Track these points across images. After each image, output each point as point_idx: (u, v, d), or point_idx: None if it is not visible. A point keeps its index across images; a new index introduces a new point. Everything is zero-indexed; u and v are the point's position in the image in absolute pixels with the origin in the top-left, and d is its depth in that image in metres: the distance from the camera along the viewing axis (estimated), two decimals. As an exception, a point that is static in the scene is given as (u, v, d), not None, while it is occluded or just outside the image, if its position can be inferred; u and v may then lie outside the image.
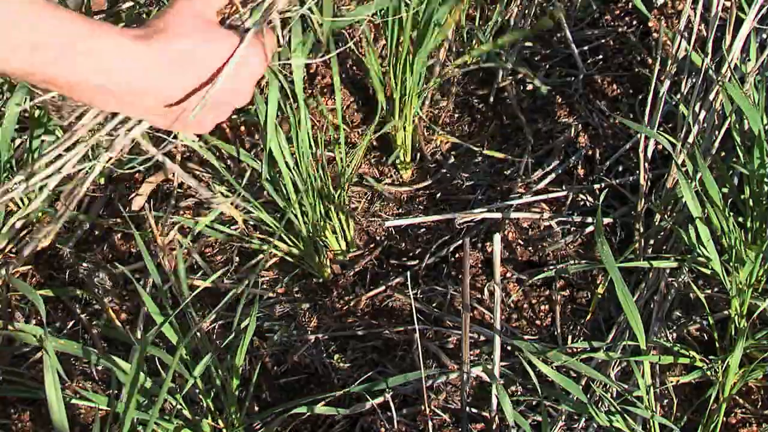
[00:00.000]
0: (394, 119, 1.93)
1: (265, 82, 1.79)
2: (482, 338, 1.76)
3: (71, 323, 1.83)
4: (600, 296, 1.81)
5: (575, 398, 1.58)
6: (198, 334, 1.55)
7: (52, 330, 1.82)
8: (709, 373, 1.63)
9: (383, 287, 1.86)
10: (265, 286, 1.86)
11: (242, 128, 2.05)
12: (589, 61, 2.17)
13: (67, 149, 1.13)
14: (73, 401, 1.64)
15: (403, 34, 1.81)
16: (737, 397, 1.68)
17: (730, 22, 1.95)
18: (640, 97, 2.08)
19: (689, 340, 1.74)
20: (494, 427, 1.59)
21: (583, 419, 1.64)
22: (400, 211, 1.97)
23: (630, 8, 2.20)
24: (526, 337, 1.77)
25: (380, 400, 1.65)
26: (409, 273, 1.85)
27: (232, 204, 1.74)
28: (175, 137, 1.26)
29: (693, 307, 1.78)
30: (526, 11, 2.21)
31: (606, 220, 1.91)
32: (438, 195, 2.00)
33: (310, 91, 2.10)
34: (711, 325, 1.70)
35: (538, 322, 1.81)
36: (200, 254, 1.90)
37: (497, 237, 1.65)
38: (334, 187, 1.82)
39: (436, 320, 1.80)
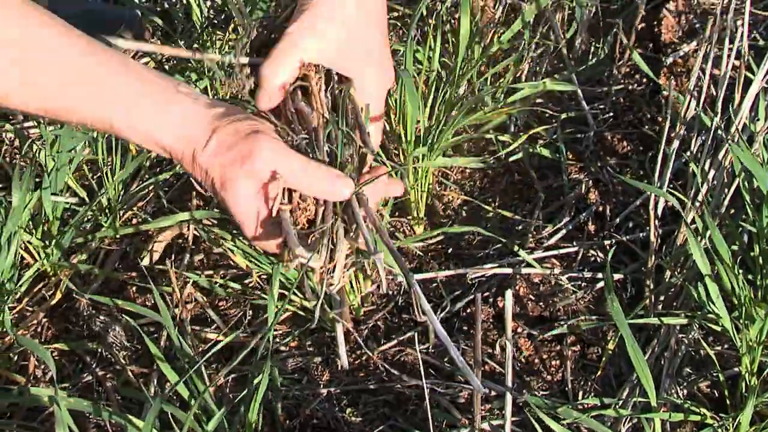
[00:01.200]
0: (408, 180, 1.97)
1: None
2: (493, 393, 1.77)
3: (86, 375, 1.85)
4: (610, 352, 1.82)
5: (586, 455, 1.59)
6: (210, 390, 1.56)
7: (67, 382, 1.83)
8: (720, 430, 1.64)
9: (395, 341, 1.87)
10: (277, 340, 1.88)
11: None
12: (599, 119, 2.20)
13: None
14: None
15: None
16: (748, 455, 1.68)
17: (739, 81, 1.98)
18: (651, 154, 2.11)
19: (700, 397, 1.75)
20: (505, 483, 1.60)
21: (594, 476, 1.64)
22: (413, 265, 1.99)
23: (639, 66, 2.23)
24: (536, 392, 1.78)
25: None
26: (420, 327, 1.87)
27: None
28: None
29: (703, 363, 1.79)
30: (537, 68, 2.25)
31: (617, 276, 1.92)
32: (450, 250, 2.02)
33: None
34: (722, 382, 1.70)
35: (549, 377, 1.82)
36: (214, 308, 1.92)
37: (509, 293, 1.67)
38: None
39: (447, 375, 1.81)
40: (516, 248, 1.95)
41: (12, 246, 1.77)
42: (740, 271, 1.66)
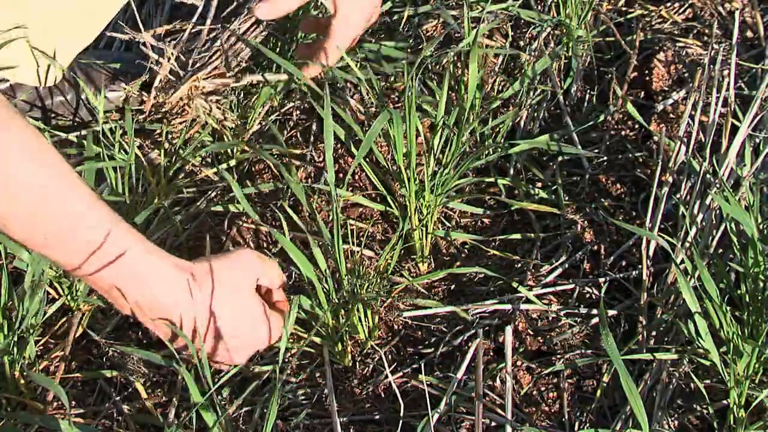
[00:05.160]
0: (413, 221, 2.07)
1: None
2: (494, 424, 1.85)
3: (106, 404, 1.92)
4: (605, 384, 1.89)
5: (583, 483, 1.67)
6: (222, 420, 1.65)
7: (88, 411, 1.91)
8: (709, 460, 1.71)
9: (400, 374, 1.95)
10: (289, 372, 1.96)
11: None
12: (594, 162, 2.29)
13: None
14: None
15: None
16: (737, 485, 1.76)
17: (726, 128, 2.08)
18: (642, 196, 2.20)
19: (690, 429, 1.83)
20: None
21: (591, 504, 1.72)
22: (417, 302, 2.07)
23: (631, 113, 2.33)
24: (535, 423, 1.86)
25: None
26: (424, 361, 1.95)
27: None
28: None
29: (693, 396, 1.87)
30: (536, 114, 2.36)
31: (611, 312, 2.01)
32: (452, 287, 2.11)
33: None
34: (711, 414, 1.78)
35: (546, 408, 1.90)
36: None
37: (509, 329, 1.76)
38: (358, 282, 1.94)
39: (450, 405, 1.89)
40: (516, 285, 2.04)
41: (39, 283, 1.86)
42: (728, 308, 1.75)
